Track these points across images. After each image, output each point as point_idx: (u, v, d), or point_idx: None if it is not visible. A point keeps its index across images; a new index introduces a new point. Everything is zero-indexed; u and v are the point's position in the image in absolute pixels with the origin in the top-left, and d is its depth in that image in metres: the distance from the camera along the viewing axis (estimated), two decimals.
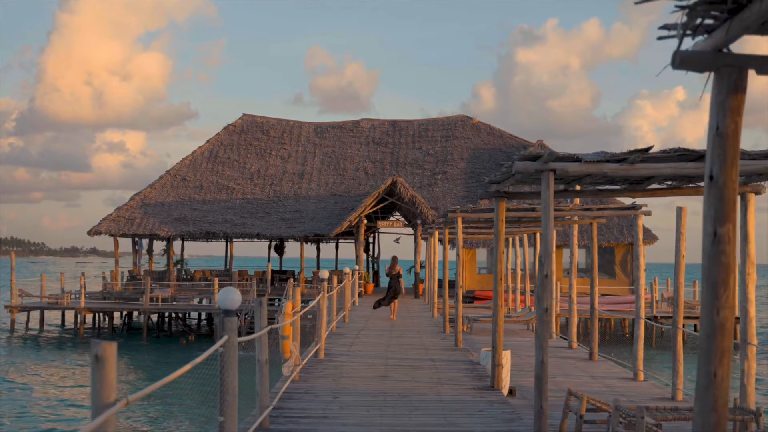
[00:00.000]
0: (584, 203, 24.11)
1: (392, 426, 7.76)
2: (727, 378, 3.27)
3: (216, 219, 36.93)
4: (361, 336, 16.86)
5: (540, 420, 7.38)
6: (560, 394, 10.15)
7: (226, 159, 41.13)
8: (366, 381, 10.64)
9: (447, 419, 8.14)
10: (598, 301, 16.36)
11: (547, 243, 7.18)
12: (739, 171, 3.35)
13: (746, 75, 3.30)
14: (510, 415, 8.42)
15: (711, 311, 3.27)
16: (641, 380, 13.61)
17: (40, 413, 17.28)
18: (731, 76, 3.26)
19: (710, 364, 3.26)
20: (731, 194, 3.28)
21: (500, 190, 9.37)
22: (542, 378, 7.40)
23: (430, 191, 38.07)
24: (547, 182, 7.11)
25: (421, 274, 34.97)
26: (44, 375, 22.76)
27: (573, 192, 9.77)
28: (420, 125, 43.44)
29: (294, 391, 9.55)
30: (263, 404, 7.48)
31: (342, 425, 7.77)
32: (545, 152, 7.07)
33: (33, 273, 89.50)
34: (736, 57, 3.25)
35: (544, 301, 7.10)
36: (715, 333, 3.25)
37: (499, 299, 10.07)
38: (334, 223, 35.72)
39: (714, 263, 3.27)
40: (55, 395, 19.55)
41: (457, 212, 15.22)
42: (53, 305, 32.71)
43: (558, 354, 16.83)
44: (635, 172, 7.16)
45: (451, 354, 14.13)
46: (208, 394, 11.99)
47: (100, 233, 36.12)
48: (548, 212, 7.17)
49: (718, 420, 3.26)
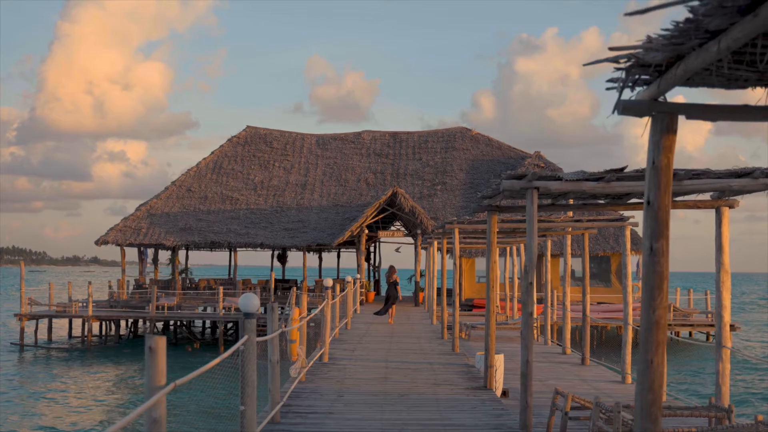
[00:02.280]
0: (579, 215, 24.86)
1: (392, 421, 8.51)
2: (662, 364, 4.03)
3: (220, 229, 37.74)
4: (363, 342, 17.60)
5: (525, 414, 8.13)
6: (551, 395, 10.90)
7: (230, 170, 41.98)
8: (368, 382, 11.40)
9: (442, 415, 8.90)
10: (590, 308, 17.13)
11: (530, 254, 7.95)
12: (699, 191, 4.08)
13: (676, 119, 4.07)
14: (500, 411, 9.17)
15: (648, 310, 4.04)
16: (629, 383, 14.35)
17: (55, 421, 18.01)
18: (664, 120, 4.04)
19: (647, 353, 4.03)
20: (664, 216, 4.05)
21: (492, 205, 10.14)
22: (527, 376, 8.16)
23: (429, 202, 38.87)
24: (531, 199, 7.90)
25: (421, 283, 35.72)
26: (58, 382, 23.49)
27: (560, 206, 10.56)
28: (420, 137, 44.30)
29: (301, 391, 10.31)
30: (275, 400, 8.24)
31: (346, 420, 8.53)
32: (529, 172, 7.85)
33: (36, 282, 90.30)
34: (668, 105, 4.03)
35: (528, 306, 7.87)
36: (651, 328, 4.02)
37: (491, 305, 10.82)
38: (336, 232, 36.51)
39: (651, 272, 4.04)
40: (68, 403, 20.29)
41: (454, 223, 16.00)
42: (61, 314, 33.47)
43: (552, 359, 17.58)
44: (611, 189, 7.94)
45: (448, 358, 14.88)
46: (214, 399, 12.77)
47: (107, 243, 36.92)
48: (532, 226, 7.95)
49: (653, 398, 4.03)
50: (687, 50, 3.35)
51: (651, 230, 4.05)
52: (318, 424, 8.26)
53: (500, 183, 8.10)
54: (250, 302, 6.05)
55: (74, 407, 19.35)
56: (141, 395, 20.62)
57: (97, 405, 19.64)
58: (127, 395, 21.26)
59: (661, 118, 4.03)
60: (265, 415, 8.11)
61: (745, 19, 2.83)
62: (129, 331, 35.78)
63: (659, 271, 4.02)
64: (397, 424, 8.35)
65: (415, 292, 36.32)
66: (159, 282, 37.01)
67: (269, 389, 8.19)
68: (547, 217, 14.92)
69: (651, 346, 4.01)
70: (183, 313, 33.29)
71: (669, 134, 4.04)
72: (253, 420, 6.11)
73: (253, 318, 6.02)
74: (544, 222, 15.58)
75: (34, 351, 31.56)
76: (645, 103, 4.00)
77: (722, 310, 10.59)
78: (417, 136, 44.47)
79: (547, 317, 21.35)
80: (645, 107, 4.00)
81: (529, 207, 7.95)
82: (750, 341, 39.85)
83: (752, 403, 20.93)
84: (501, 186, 8.04)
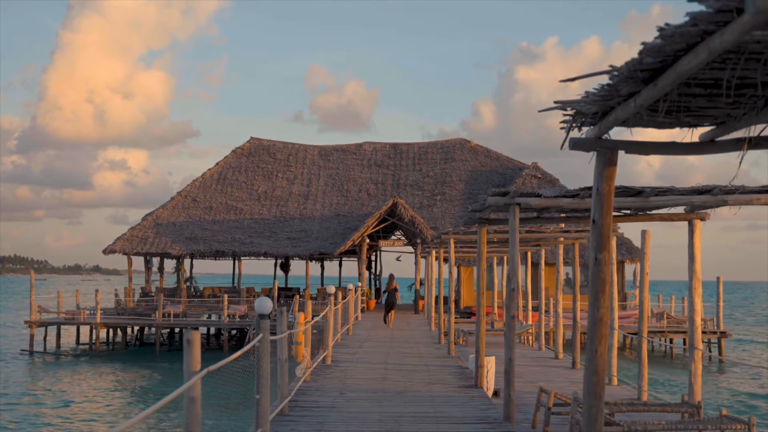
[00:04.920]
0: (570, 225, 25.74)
1: (390, 414, 9.43)
2: (604, 353, 4.95)
3: (225, 238, 38.71)
4: (363, 346, 18.52)
5: (509, 407, 9.04)
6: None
7: (234, 181, 43.00)
8: (368, 381, 12.33)
9: (435, 409, 9.83)
10: (580, 315, 18.02)
11: (513, 263, 8.89)
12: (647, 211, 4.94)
13: (617, 154, 5.01)
14: (487, 406, 10.09)
15: (594, 309, 4.97)
16: (615, 384, 15.24)
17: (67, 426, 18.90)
18: (606, 155, 4.97)
19: (593, 344, 4.95)
20: (606, 232, 4.97)
21: (481, 217, 11.07)
22: (510, 372, 9.07)
23: (429, 211, 39.85)
24: (514, 213, 8.83)
25: (420, 291, 36.63)
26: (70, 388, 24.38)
27: (545, 218, 11.49)
28: (420, 148, 45.33)
29: (306, 389, 11.23)
30: (283, 394, 9.16)
31: (348, 412, 9.46)
32: (512, 189, 8.78)
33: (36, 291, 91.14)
34: (609, 142, 4.96)
35: (511, 309, 8.80)
36: (596, 324, 4.94)
37: (481, 310, 11.75)
38: (337, 242, 37.48)
39: (595, 278, 4.97)
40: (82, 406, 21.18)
41: (450, 234, 16.94)
42: (70, 321, 34.41)
43: (544, 363, 18.49)
44: (585, 205, 8.86)
45: (444, 361, 15.81)
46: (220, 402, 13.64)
47: (114, 252, 37.90)
48: (515, 238, 8.88)
49: (597, 380, 4.95)
50: (613, 105, 4.29)
51: (596, 244, 4.98)
52: (322, 416, 9.18)
53: (486, 199, 9.04)
54: (264, 304, 6.99)
55: (87, 410, 20.24)
56: (150, 397, 21.53)
57: (106, 406, 20.52)
58: (133, 397, 22.15)
59: (604, 152, 4.96)
60: (274, 408, 9.01)
61: (648, 87, 3.76)
62: (135, 338, 36.72)
63: (602, 278, 4.95)
64: (394, 416, 9.26)
65: (415, 300, 37.22)
66: (165, 290, 37.97)
67: (278, 384, 9.10)
68: (537, 228, 15.86)
69: (596, 339, 4.94)
70: (189, 320, 34.19)
71: (610, 166, 4.97)
72: (267, 407, 7.03)
73: (266, 318, 6.95)
74: (535, 233, 16.52)
75: (43, 356, 32.47)
76: (590, 141, 4.93)
77: (694, 314, 11.52)
78: (417, 147, 45.49)
79: (541, 324, 22.25)
80: (591, 144, 4.93)
81: (512, 221, 8.89)
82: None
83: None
84: (487, 202, 8.98)
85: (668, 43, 3.18)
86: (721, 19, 2.78)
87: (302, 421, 8.90)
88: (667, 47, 3.23)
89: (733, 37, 2.81)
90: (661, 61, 3.41)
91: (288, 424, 8.69)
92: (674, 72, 3.41)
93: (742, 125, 4.43)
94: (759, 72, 3.40)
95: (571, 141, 4.92)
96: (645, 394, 13.25)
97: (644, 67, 3.52)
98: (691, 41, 3.13)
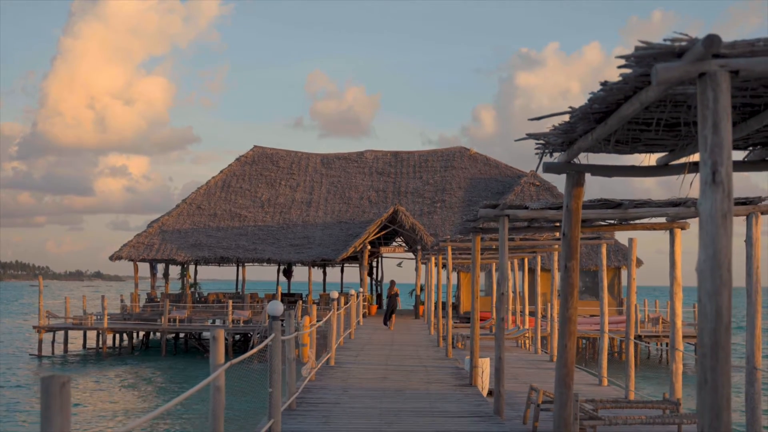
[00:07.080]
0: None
1: (390, 409, 10.22)
2: (573, 348, 5.74)
3: (229, 245, 39.55)
4: (365, 349, 19.31)
5: (499, 402, 9.82)
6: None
7: (238, 188, 43.87)
8: (369, 381, 13.13)
9: (431, 405, 10.62)
10: (583, 320, 18.77)
11: (503, 270, 9.68)
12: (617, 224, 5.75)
13: (584, 176, 5.80)
14: (480, 402, 10.89)
15: (563, 310, 5.75)
16: (605, 385, 16.01)
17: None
18: (574, 177, 5.77)
19: (563, 339, 5.74)
20: (575, 244, 5.77)
21: (475, 227, 11.86)
22: (501, 370, 9.85)
23: (429, 219, 40.66)
24: (503, 224, 9.62)
25: (421, 297, 37.40)
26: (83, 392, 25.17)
27: (535, 228, 12.29)
28: (420, 156, 46.19)
29: (312, 387, 12.03)
30: (291, 391, 9.95)
31: (351, 408, 10.25)
32: (501, 202, 9.57)
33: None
34: (577, 165, 5.75)
35: (501, 312, 9.58)
36: (566, 323, 5.73)
37: (475, 314, 12.53)
38: (339, 248, 38.31)
39: (565, 284, 5.76)
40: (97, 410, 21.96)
41: (447, 241, 17.73)
42: (78, 326, 35.22)
43: (539, 366, 19.25)
44: None
45: (441, 362, 16.60)
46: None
47: (121, 258, 38.73)
48: (504, 247, 9.67)
49: (567, 372, 5.74)
50: (576, 137, 5.09)
51: (565, 254, 5.78)
52: (327, 411, 9.97)
53: (478, 211, 9.84)
54: (276, 307, 7.79)
55: (98, 411, 21.02)
56: (159, 397, 22.30)
57: (115, 408, 21.30)
58: (144, 397, 22.92)
59: (573, 175, 5.76)
60: (283, 403, 9.79)
61: (600, 125, 4.56)
62: (141, 342, 37.51)
63: (571, 282, 5.74)
64: (393, 410, 10.05)
65: (415, 305, 37.99)
66: (170, 296, 38.80)
67: (287, 382, 9.88)
68: (531, 236, 16.65)
69: (565, 335, 5.73)
70: (194, 325, 34.97)
71: (578, 187, 5.77)
72: (279, 399, 7.82)
73: (278, 320, 7.75)
74: (529, 240, 17.31)
75: (52, 360, 33.26)
76: (561, 165, 5.72)
77: (675, 318, 12.31)
78: (418, 155, 46.35)
79: (537, 328, 23.01)
80: (561, 168, 5.73)
81: (501, 231, 9.68)
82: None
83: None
84: (478, 214, 9.78)
85: (609, 95, 3.99)
86: (639, 84, 3.58)
87: (309, 415, 9.68)
88: (609, 98, 4.04)
89: (654, 93, 3.61)
90: (606, 107, 4.21)
91: (296, 417, 9.48)
92: (618, 115, 4.21)
93: (688, 153, 5.23)
94: (682, 114, 4.21)
95: (545, 165, 5.71)
96: (632, 394, 14.00)
97: (594, 111, 4.33)
98: (626, 94, 3.94)
